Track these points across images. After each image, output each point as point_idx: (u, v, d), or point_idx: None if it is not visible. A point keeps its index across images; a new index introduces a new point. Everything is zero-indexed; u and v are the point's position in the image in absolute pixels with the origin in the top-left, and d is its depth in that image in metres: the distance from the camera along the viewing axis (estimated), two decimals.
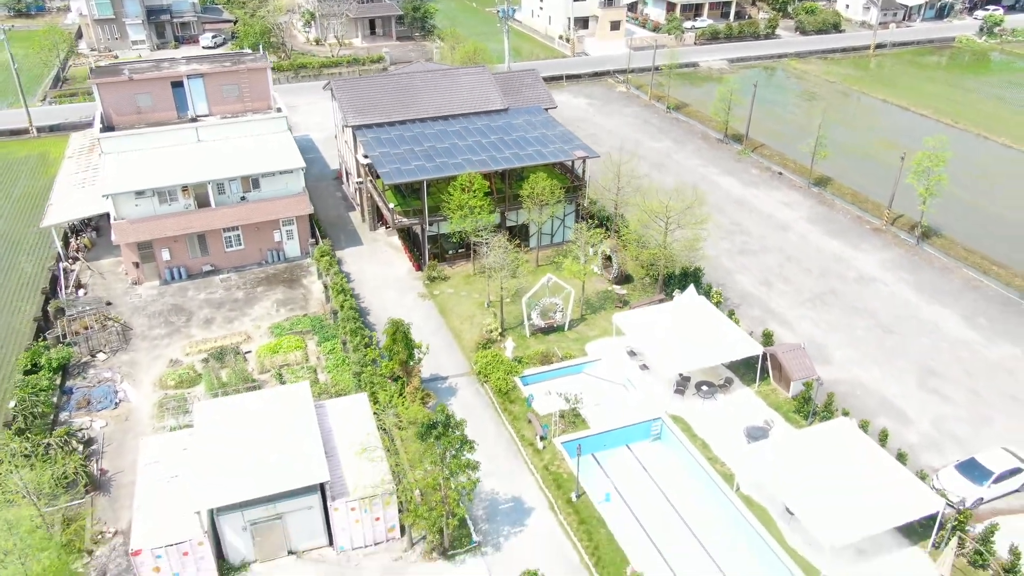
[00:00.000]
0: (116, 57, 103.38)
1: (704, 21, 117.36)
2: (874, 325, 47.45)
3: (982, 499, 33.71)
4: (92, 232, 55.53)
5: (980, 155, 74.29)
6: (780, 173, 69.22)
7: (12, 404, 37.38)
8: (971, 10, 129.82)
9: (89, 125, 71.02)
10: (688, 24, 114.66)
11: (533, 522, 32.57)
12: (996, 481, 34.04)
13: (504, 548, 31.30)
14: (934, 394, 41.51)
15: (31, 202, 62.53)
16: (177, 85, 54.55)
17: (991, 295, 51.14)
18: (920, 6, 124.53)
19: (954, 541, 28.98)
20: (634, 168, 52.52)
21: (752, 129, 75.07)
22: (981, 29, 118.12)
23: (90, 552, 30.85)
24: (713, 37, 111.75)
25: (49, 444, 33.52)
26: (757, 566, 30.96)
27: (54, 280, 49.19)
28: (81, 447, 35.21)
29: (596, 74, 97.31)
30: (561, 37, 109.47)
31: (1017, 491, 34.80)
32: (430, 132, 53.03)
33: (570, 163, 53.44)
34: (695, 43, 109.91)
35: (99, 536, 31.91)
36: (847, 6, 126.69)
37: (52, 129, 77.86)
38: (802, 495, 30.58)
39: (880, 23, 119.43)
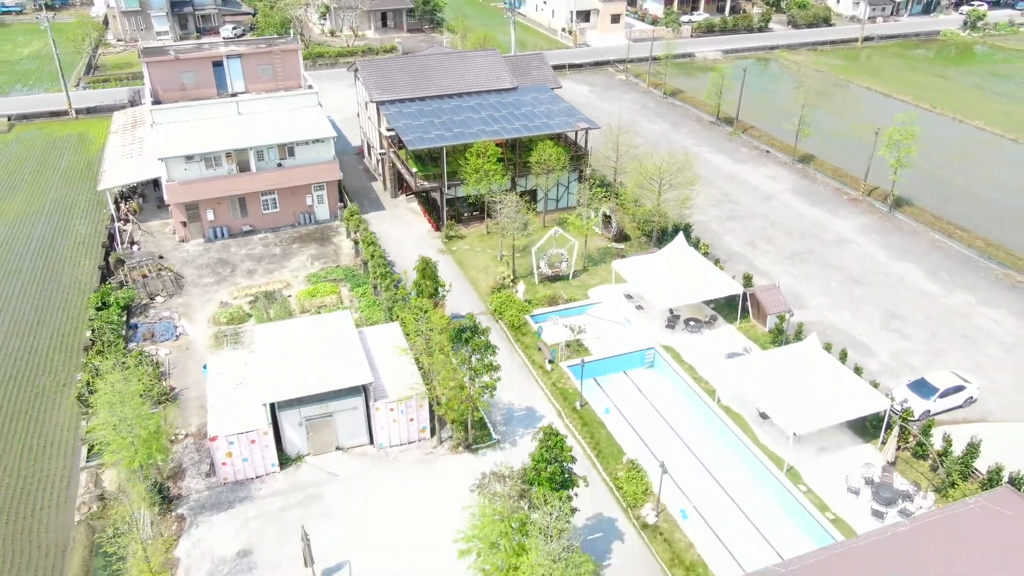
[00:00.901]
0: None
1: (700, 15, 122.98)
2: (846, 278, 52.97)
3: (929, 411, 39.15)
4: (139, 198, 61.03)
5: (955, 137, 79.87)
6: (767, 151, 74.79)
7: (88, 333, 42.98)
8: (957, 5, 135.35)
9: (122, 107, 76.86)
10: (685, 18, 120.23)
11: (543, 425, 38.03)
12: (941, 396, 39.53)
13: (519, 444, 36.79)
14: (895, 333, 47.05)
15: (77, 174, 68.17)
16: (217, 65, 60.12)
17: (953, 254, 56.68)
18: (907, 1, 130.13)
19: (896, 430, 34.50)
20: (631, 139, 58.05)
21: (743, 113, 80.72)
22: (965, 23, 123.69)
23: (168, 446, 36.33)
24: (709, 30, 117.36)
25: (125, 362, 38.98)
26: (734, 459, 36.49)
27: (110, 237, 54.70)
28: (151, 368, 40.71)
29: (597, 64, 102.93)
30: (564, 30, 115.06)
31: (960, 406, 40.30)
32: (447, 107, 58.56)
33: (573, 134, 58.97)
34: (691, 35, 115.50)
35: (173, 437, 37.38)
36: (837, 1, 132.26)
37: (89, 111, 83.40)
38: (772, 398, 36.10)
39: (869, 17, 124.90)
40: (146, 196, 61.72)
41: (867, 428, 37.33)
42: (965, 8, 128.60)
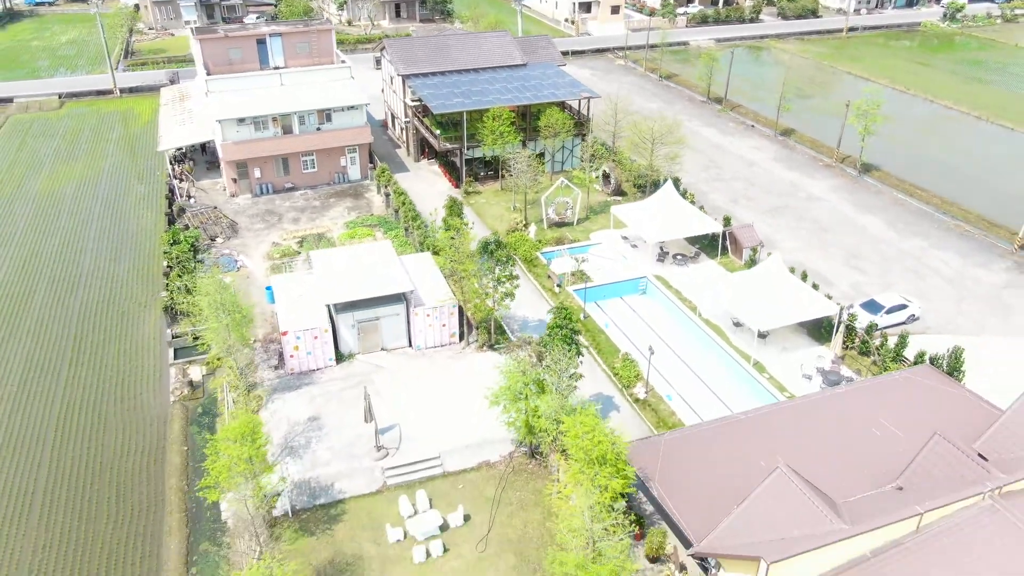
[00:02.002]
0: (172, 35, 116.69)
1: (695, 6, 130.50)
2: (816, 228, 60.45)
3: (877, 325, 46.56)
4: (190, 161, 68.50)
5: (924, 114, 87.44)
6: (752, 126, 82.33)
7: (165, 264, 50.51)
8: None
9: (163, 86, 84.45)
10: (681, 9, 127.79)
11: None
12: (887, 312, 46.99)
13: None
14: (855, 269, 54.54)
15: (128, 144, 75.72)
16: (260, 42, 67.60)
17: (912, 209, 64.19)
18: None
19: (843, 328, 42.02)
20: (628, 104, 65.52)
21: (732, 94, 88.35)
22: (945, 15, 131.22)
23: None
24: (703, 21, 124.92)
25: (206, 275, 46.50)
26: (711, 357, 43.97)
27: (170, 191, 62.21)
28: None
29: (598, 51, 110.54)
30: (567, 20, 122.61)
31: (904, 323, 47.74)
32: (465, 80, 66.04)
33: (576, 104, 66.48)
34: (686, 25, 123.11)
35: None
36: None
37: (131, 90, 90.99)
38: (742, 307, 43.58)
39: (854, 10, 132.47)
40: (195, 160, 69.20)
41: (821, 333, 44.84)
42: (945, 0, 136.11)
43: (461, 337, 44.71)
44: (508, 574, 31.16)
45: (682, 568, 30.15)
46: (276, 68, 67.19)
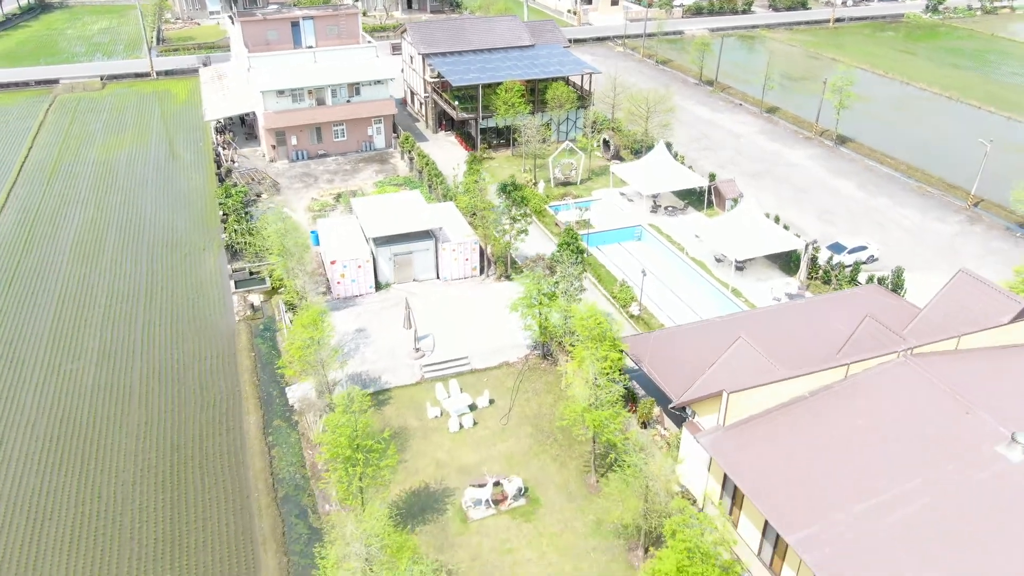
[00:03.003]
0: (198, 24, 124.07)
1: None
2: (794, 190, 67.74)
3: (841, 263, 53.85)
4: (230, 132, 75.84)
5: (900, 95, 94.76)
6: (740, 104, 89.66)
7: (221, 213, 57.86)
8: None
9: (196, 69, 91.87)
10: (677, 1, 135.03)
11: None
12: (849, 252, 54.31)
13: None
14: (827, 222, 61.81)
15: (170, 119, 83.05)
16: (294, 24, 74.92)
17: (882, 175, 71.52)
18: None
19: (807, 257, 49.33)
20: (625, 83, 72.82)
21: (722, 78, 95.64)
22: (927, 7, 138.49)
23: None
24: (698, 12, 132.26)
25: (254, 226, 53.85)
26: (695, 287, 51.29)
27: (216, 155, 69.56)
28: None
29: (598, 39, 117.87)
30: (569, 11, 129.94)
31: (865, 262, 55.00)
32: (479, 58, 73.40)
33: (579, 78, 73.84)
34: (682, 16, 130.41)
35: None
36: None
37: (167, 73, 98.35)
38: (722, 242, 50.89)
39: (841, 2, 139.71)
40: (234, 132, 76.53)
41: (791, 267, 52.17)
42: None
43: (481, 271, 52.01)
44: (526, 440, 38.51)
45: (666, 429, 37.48)
46: (309, 47, 74.50)
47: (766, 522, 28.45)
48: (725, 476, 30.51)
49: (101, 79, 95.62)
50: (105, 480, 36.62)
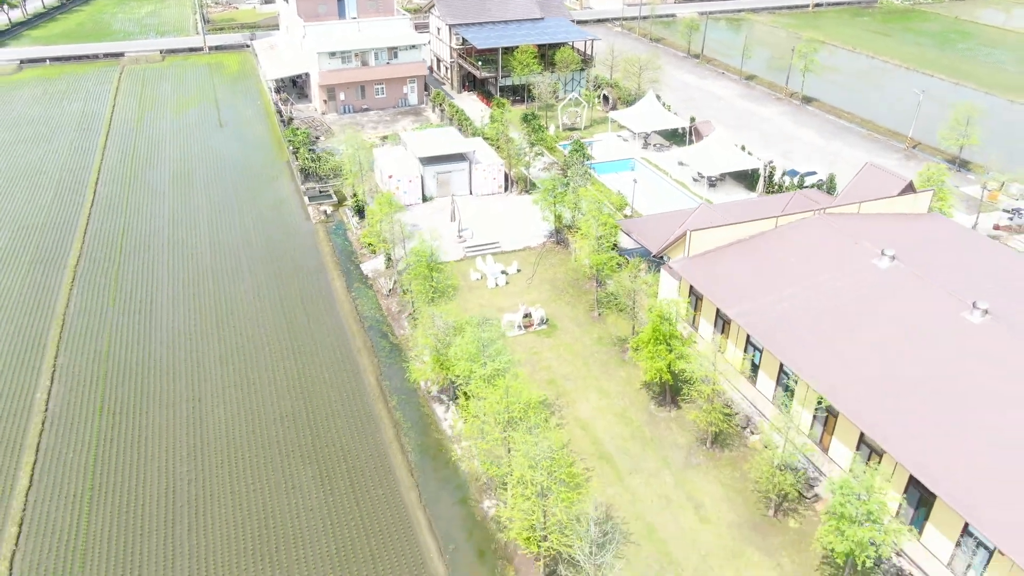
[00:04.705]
0: (236, 9, 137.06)
1: None
2: (763, 136, 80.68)
3: (791, 178, 66.72)
4: (284, 92, 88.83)
5: (864, 66, 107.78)
6: (723, 73, 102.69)
7: (291, 148, 70.87)
8: None
9: (245, 45, 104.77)
10: None
11: None
12: (804, 176, 67.30)
13: None
14: (788, 160, 74.78)
15: (228, 84, 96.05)
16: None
17: (840, 125, 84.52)
18: None
19: (765, 173, 62.31)
20: (620, 48, 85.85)
21: (708, 52, 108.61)
22: None
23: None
24: None
25: (320, 156, 66.78)
26: (677, 198, 64.26)
27: (278, 109, 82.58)
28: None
29: (599, 21, 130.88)
30: None
31: (815, 184, 67.96)
32: (498, 27, 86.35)
33: (583, 44, 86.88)
34: (674, 1, 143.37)
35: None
36: None
37: (217, 48, 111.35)
38: (698, 162, 63.88)
39: None
40: (287, 93, 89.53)
41: (754, 186, 65.18)
42: None
43: (506, 188, 64.97)
44: (547, 292, 51.49)
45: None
46: (352, 18, 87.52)
47: (717, 310, 41.38)
48: (691, 288, 43.44)
49: (161, 53, 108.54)
50: (232, 326, 49.59)
